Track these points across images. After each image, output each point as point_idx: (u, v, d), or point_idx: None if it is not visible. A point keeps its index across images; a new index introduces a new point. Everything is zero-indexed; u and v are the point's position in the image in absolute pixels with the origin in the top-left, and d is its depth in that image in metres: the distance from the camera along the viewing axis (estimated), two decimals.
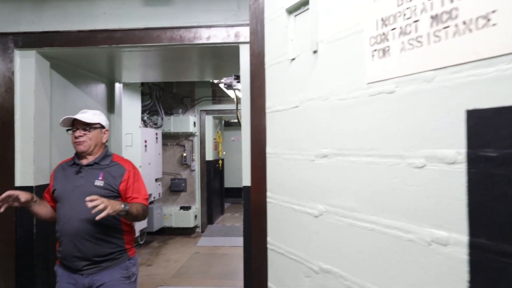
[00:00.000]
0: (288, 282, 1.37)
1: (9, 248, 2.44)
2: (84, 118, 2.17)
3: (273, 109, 1.49)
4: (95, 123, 2.21)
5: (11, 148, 2.47)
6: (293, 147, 1.35)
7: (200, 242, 6.45)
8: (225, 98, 7.13)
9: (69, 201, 2.12)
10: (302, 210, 1.30)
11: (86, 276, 2.12)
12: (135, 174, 2.25)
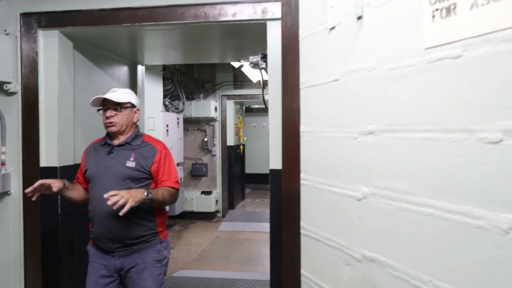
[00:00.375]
0: (325, 270, 1.28)
1: (35, 228, 2.44)
2: (115, 97, 2.10)
3: (308, 84, 1.38)
4: (126, 102, 2.14)
5: (35, 128, 2.44)
6: (332, 124, 1.24)
7: (221, 227, 6.44)
8: (247, 83, 7.02)
9: (101, 182, 2.07)
10: (342, 192, 1.19)
11: (118, 258, 2.08)
12: (167, 155, 2.18)
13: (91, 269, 2.14)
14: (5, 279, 2.47)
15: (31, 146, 2.45)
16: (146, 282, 2.08)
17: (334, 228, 1.23)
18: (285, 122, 1.52)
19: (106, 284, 2.10)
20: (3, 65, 2.35)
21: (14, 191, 2.47)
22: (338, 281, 1.21)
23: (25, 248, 2.46)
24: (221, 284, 3.90)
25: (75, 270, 2.64)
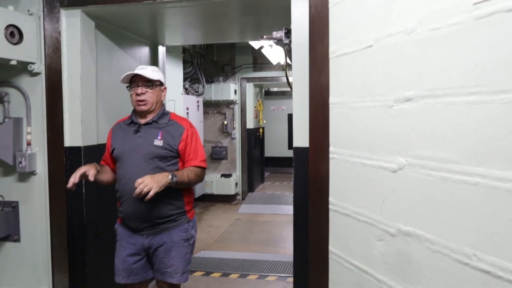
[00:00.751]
0: (355, 246, 1.24)
1: (61, 208, 2.47)
2: (147, 74, 2.07)
3: (338, 53, 1.32)
4: (156, 80, 2.12)
5: (59, 109, 2.44)
6: (365, 94, 1.18)
7: (241, 209, 6.46)
8: (266, 65, 6.94)
9: (129, 161, 2.07)
10: (375, 165, 1.14)
11: (146, 237, 2.09)
12: (193, 133, 2.15)
13: (119, 247, 2.16)
14: (33, 257, 2.52)
15: (55, 126, 2.46)
16: (174, 260, 2.09)
17: (366, 202, 1.18)
18: (313, 95, 1.46)
19: (134, 262, 2.11)
20: (27, 46, 2.36)
21: (40, 170, 2.50)
22: (369, 257, 1.16)
23: (52, 226, 2.50)
24: (242, 265, 3.92)
25: (99, 248, 2.68)
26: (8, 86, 2.49)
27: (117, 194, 2.12)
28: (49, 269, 2.51)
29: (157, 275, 2.14)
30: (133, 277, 2.12)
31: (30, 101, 2.48)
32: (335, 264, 1.33)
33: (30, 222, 2.52)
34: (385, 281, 1.10)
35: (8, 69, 2.42)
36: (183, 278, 2.12)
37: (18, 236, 2.53)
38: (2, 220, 2.45)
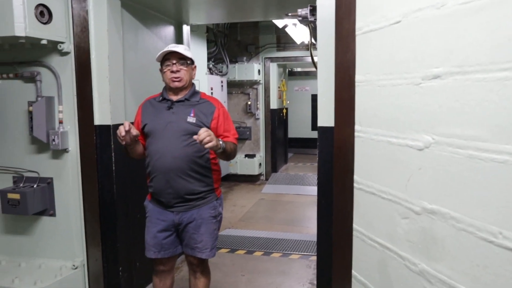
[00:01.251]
0: (379, 224, 1.24)
1: (93, 184, 2.57)
2: (181, 51, 2.11)
3: (365, 29, 1.29)
4: (189, 57, 2.16)
5: (89, 87, 2.51)
6: (392, 71, 1.16)
7: (265, 189, 6.53)
8: (290, 44, 6.85)
9: (162, 137, 2.11)
10: (401, 143, 1.13)
11: (176, 213, 2.16)
12: (224, 112, 2.20)
13: (149, 223, 2.24)
14: (68, 230, 2.65)
15: (85, 105, 2.54)
16: (203, 236, 2.15)
17: (391, 181, 1.18)
18: (339, 73, 1.45)
19: (164, 238, 2.19)
20: (56, 25, 2.41)
21: (72, 148, 2.59)
22: (394, 234, 1.17)
23: (84, 202, 2.61)
24: (266, 243, 3.99)
25: (129, 224, 2.78)
26: (39, 65, 2.57)
27: (148, 169, 2.17)
28: (83, 242, 2.63)
29: (187, 250, 2.22)
30: (163, 252, 2.20)
31: (61, 80, 2.55)
32: (359, 242, 1.34)
33: (64, 198, 2.64)
34: (408, 258, 1.11)
35: (39, 48, 2.49)
36: (212, 254, 2.20)
37: (54, 210, 2.66)
38: (38, 195, 2.58)
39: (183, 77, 2.13)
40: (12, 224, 2.75)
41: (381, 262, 1.22)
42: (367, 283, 1.31)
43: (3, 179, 2.70)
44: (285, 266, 3.45)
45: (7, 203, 2.52)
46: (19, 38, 2.25)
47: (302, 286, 3.08)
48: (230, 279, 3.21)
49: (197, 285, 2.32)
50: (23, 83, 2.61)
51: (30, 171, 2.65)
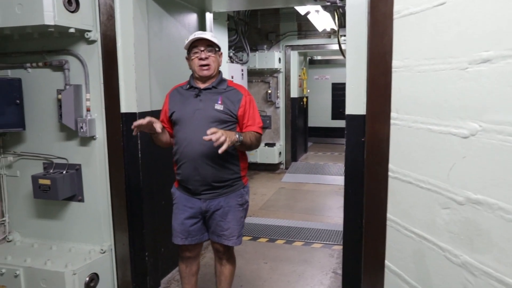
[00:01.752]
0: (416, 213, 1.21)
1: (119, 171, 2.61)
2: (210, 38, 2.09)
3: (404, 12, 1.24)
4: (217, 44, 2.14)
5: (115, 75, 2.53)
6: (434, 56, 1.11)
7: (285, 178, 6.51)
8: (311, 32, 6.74)
9: (190, 125, 2.11)
10: (443, 131, 1.09)
11: (204, 201, 2.16)
12: (251, 100, 2.17)
13: (177, 210, 2.25)
14: (96, 216, 2.71)
15: (112, 93, 2.56)
16: (230, 224, 2.16)
17: (431, 170, 1.14)
18: (373, 58, 1.41)
19: (192, 224, 2.21)
20: (83, 13, 2.42)
21: (99, 135, 2.63)
22: (432, 225, 1.14)
23: (111, 188, 2.65)
24: (287, 232, 4.00)
25: (154, 210, 2.82)
26: (67, 54, 2.60)
27: (176, 157, 2.18)
28: (110, 228, 2.68)
29: (213, 237, 2.23)
30: (190, 239, 2.22)
31: (88, 68, 2.58)
32: (393, 232, 1.32)
33: (92, 184, 2.69)
34: (449, 249, 1.08)
35: (67, 37, 2.52)
36: (238, 241, 2.20)
37: (82, 196, 2.71)
38: (67, 181, 2.63)
39: (211, 65, 2.12)
40: (43, 209, 2.82)
41: (417, 253, 1.20)
42: (402, 274, 1.28)
43: (34, 165, 2.77)
44: (307, 255, 3.44)
45: (39, 188, 2.58)
46: (48, 26, 2.27)
47: (326, 275, 3.07)
48: (253, 266, 3.22)
49: (223, 272, 2.34)
50: (52, 71, 2.65)
51: (59, 157, 2.70)
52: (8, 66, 2.72)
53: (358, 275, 2.26)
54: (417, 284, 1.20)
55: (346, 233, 2.28)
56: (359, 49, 2.06)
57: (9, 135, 2.81)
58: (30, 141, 2.77)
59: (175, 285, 2.96)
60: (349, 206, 2.25)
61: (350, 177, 2.20)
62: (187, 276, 2.38)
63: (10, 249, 2.75)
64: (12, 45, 2.69)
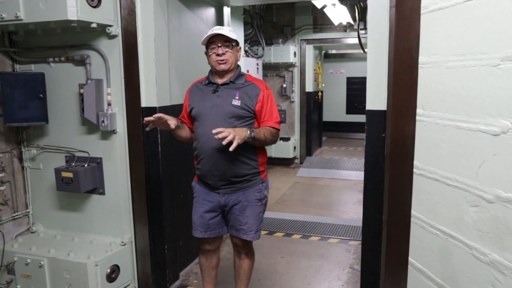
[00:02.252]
0: (442, 211, 1.21)
1: (140, 165, 2.64)
2: (227, 33, 2.10)
3: (432, 8, 1.23)
4: (234, 39, 2.15)
5: (136, 70, 2.56)
6: (464, 52, 1.10)
7: (299, 172, 6.51)
8: (327, 26, 6.68)
9: (208, 120, 2.13)
10: (472, 128, 1.08)
11: (222, 195, 2.19)
12: (269, 95, 2.17)
13: (196, 204, 2.28)
14: (117, 208, 2.75)
15: (132, 87, 2.59)
16: (248, 219, 2.18)
17: (459, 167, 1.13)
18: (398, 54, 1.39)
19: (211, 218, 2.24)
20: (105, 8, 2.45)
21: (119, 129, 2.66)
22: (460, 222, 1.13)
23: (132, 181, 2.69)
24: (303, 226, 4.00)
25: (174, 204, 2.85)
26: (89, 49, 2.63)
27: (195, 152, 2.21)
28: (131, 220, 2.73)
29: (232, 232, 2.25)
30: (209, 232, 2.25)
31: (109, 63, 2.61)
32: (418, 229, 1.31)
33: (113, 177, 2.73)
34: (476, 247, 1.07)
35: (88, 32, 2.55)
36: (257, 236, 2.22)
37: (103, 189, 2.76)
38: (89, 174, 2.68)
39: (228, 59, 2.12)
40: (65, 201, 2.88)
41: (443, 250, 1.19)
42: (426, 271, 1.28)
43: (56, 158, 2.83)
44: (323, 250, 3.45)
45: (61, 181, 2.63)
46: (71, 22, 2.31)
47: (343, 270, 3.08)
48: (270, 260, 3.25)
49: (242, 266, 2.37)
50: (74, 66, 2.69)
51: (81, 151, 2.75)
52: (31, 61, 2.78)
53: (377, 271, 2.26)
54: (443, 282, 1.20)
55: (365, 229, 2.27)
56: (380, 44, 2.05)
57: (32, 129, 2.87)
58: (53, 134, 2.83)
59: (193, 278, 3.00)
60: (368, 202, 2.24)
61: (370, 173, 2.19)
62: (207, 269, 2.41)
63: (34, 240, 2.83)
64: (35, 40, 2.74)
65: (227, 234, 2.36)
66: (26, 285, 2.64)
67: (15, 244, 2.73)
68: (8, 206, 2.83)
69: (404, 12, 1.35)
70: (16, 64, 2.82)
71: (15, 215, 2.88)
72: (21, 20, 2.34)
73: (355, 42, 6.83)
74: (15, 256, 2.64)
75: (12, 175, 2.87)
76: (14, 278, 2.68)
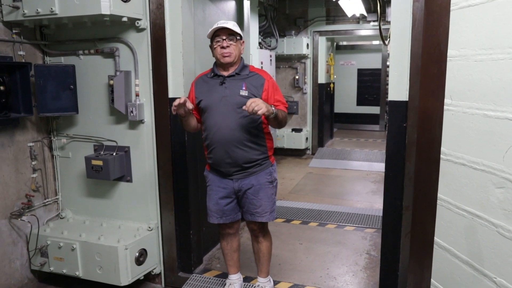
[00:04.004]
0: (468, 193, 1.30)
1: (166, 153, 2.76)
2: (231, 27, 2.20)
3: (462, 4, 1.31)
4: (238, 33, 2.24)
5: (163, 62, 2.66)
6: (493, 46, 1.18)
7: (312, 163, 6.61)
8: (340, 17, 6.72)
9: (218, 111, 2.25)
10: (499, 116, 1.17)
11: (236, 180, 2.31)
12: (273, 84, 2.31)
13: (211, 191, 2.40)
14: (144, 195, 2.88)
15: (160, 79, 2.69)
16: (262, 201, 2.30)
17: (485, 152, 1.22)
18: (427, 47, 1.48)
19: (226, 204, 2.36)
20: (135, 3, 2.55)
21: (147, 119, 2.78)
22: (486, 203, 1.22)
23: (159, 169, 2.81)
24: (319, 215, 4.11)
25: (197, 190, 2.97)
26: (118, 41, 2.74)
27: (206, 142, 2.33)
28: (157, 207, 2.85)
29: (247, 217, 2.37)
30: (225, 218, 2.38)
31: (137, 55, 2.71)
32: (444, 211, 1.41)
33: (140, 165, 2.85)
34: (502, 225, 1.17)
35: (117, 25, 2.64)
36: (272, 217, 2.35)
37: (130, 177, 2.89)
38: (117, 162, 2.80)
39: (232, 52, 2.22)
40: (93, 188, 3.01)
41: (469, 229, 1.29)
42: (452, 249, 1.38)
43: (85, 147, 2.95)
44: (340, 237, 3.56)
45: (92, 168, 2.76)
46: (104, 16, 2.41)
47: (360, 256, 3.19)
48: (289, 246, 3.36)
49: (260, 249, 2.49)
50: (103, 58, 2.80)
51: (109, 140, 2.87)
52: (61, 54, 2.89)
53: (396, 255, 2.37)
54: (468, 258, 1.30)
55: (386, 215, 2.37)
56: (403, 38, 2.13)
57: (62, 119, 2.99)
58: (82, 124, 2.95)
59: (216, 263, 3.13)
60: (389, 189, 2.34)
61: (391, 161, 2.28)
62: (229, 253, 2.54)
63: (64, 225, 2.97)
64: (66, 33, 2.84)
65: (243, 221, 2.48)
66: (59, 268, 2.77)
67: (47, 229, 2.87)
68: (39, 192, 2.97)
69: (433, 8, 1.43)
70: (46, 56, 2.93)
71: (45, 202, 3.02)
72: (56, 14, 2.45)
73: (368, 34, 6.87)
74: (48, 240, 2.77)
75: (43, 163, 3.00)
76: (47, 260, 2.82)
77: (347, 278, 2.87)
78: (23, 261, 2.84)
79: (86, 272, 2.70)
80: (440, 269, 1.45)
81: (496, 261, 1.20)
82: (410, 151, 2.06)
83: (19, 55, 2.70)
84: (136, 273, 2.69)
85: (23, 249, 2.83)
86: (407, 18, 2.08)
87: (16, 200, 2.77)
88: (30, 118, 2.85)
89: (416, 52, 1.97)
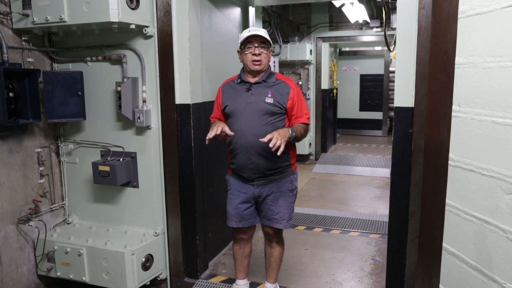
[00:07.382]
0: (477, 198, 1.31)
1: (173, 159, 2.77)
2: (264, 35, 2.21)
3: (469, 13, 1.33)
4: (269, 41, 2.26)
5: (171, 69, 2.68)
6: (501, 53, 1.20)
7: (315, 169, 6.61)
8: (343, 24, 6.75)
9: (243, 117, 2.26)
10: (508, 123, 1.18)
11: (256, 186, 2.32)
12: (299, 92, 2.31)
13: (231, 196, 2.42)
14: (150, 201, 2.89)
15: (167, 85, 2.72)
16: (280, 208, 2.31)
17: (494, 159, 1.23)
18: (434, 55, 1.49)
19: (245, 209, 2.37)
20: (142, 10, 2.58)
21: (154, 125, 2.80)
22: (495, 209, 1.23)
23: (165, 175, 2.82)
24: (324, 220, 4.11)
25: (204, 196, 2.98)
26: (125, 48, 2.77)
27: (230, 147, 2.33)
28: (163, 212, 2.87)
29: (264, 221, 2.38)
30: (244, 222, 2.38)
31: (145, 62, 2.74)
32: (452, 216, 1.42)
33: (147, 171, 2.87)
34: (511, 231, 1.18)
35: (126, 32, 2.67)
36: (289, 224, 2.35)
37: (137, 182, 2.90)
38: (123, 168, 2.82)
39: (263, 61, 2.24)
40: (100, 194, 3.03)
41: (478, 235, 1.30)
42: (461, 255, 1.39)
43: (91, 153, 2.98)
44: (345, 242, 3.56)
45: (99, 174, 2.78)
46: (113, 23, 2.44)
47: (365, 261, 3.19)
48: (294, 252, 3.37)
49: (273, 254, 2.50)
50: (110, 64, 2.83)
51: (116, 146, 2.90)
52: (69, 60, 2.92)
53: (402, 261, 2.37)
54: (477, 264, 1.31)
55: (392, 220, 2.38)
56: (409, 44, 2.15)
57: (69, 125, 3.02)
58: (89, 130, 2.97)
59: (222, 268, 3.13)
60: (395, 194, 2.35)
61: (397, 167, 2.30)
62: (240, 258, 2.55)
63: (71, 230, 2.98)
64: (74, 40, 2.88)
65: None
66: (66, 273, 2.79)
67: (54, 234, 2.89)
68: (46, 198, 2.99)
69: (441, 16, 1.45)
70: (54, 63, 2.96)
71: (52, 207, 3.04)
72: (65, 22, 2.48)
73: (371, 40, 6.91)
74: (55, 245, 2.79)
75: (50, 169, 3.02)
76: (54, 266, 2.83)
77: (353, 283, 2.87)
78: (30, 266, 2.85)
79: (93, 277, 2.71)
80: (449, 275, 1.46)
81: (506, 266, 1.20)
82: (416, 157, 2.07)
83: (28, 62, 2.73)
84: (142, 278, 2.70)
85: (30, 254, 2.84)
86: (413, 25, 2.10)
87: (23, 205, 2.79)
88: (38, 124, 2.87)
89: (422, 58, 1.99)
